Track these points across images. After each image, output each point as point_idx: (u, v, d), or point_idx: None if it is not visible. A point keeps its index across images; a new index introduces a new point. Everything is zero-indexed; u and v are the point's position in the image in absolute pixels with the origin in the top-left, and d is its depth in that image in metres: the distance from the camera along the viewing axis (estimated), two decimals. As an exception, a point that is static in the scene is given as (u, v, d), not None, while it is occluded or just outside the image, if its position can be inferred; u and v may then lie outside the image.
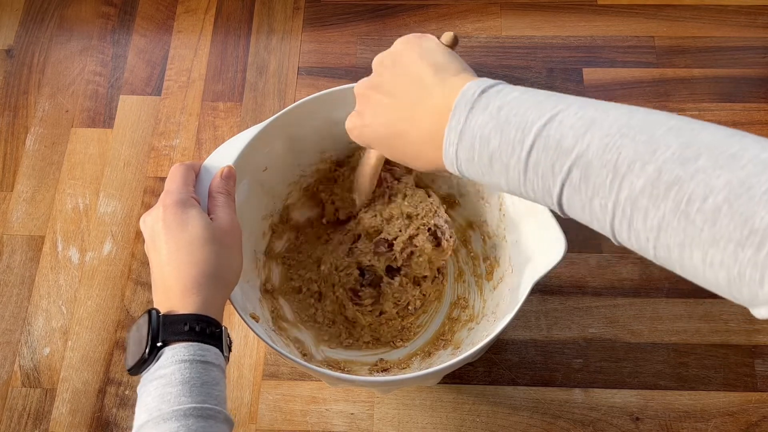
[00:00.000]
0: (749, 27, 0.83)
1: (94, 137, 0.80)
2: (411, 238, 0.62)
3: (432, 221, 0.62)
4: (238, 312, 0.51)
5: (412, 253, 0.62)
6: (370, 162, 0.59)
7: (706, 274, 0.31)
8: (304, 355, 0.60)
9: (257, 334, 0.50)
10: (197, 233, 0.46)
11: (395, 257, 0.62)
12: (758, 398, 0.65)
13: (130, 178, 0.78)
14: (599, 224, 0.34)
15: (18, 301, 0.72)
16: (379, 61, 0.46)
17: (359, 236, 0.65)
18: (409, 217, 0.62)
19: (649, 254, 0.32)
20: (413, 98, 0.42)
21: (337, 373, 0.51)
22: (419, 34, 0.46)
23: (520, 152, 0.35)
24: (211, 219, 0.49)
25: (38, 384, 0.68)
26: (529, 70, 0.82)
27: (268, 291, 0.63)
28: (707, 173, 0.29)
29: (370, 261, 0.63)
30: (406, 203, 0.63)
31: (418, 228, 0.62)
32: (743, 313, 0.68)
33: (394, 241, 0.62)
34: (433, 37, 0.46)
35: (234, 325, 0.70)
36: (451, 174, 0.42)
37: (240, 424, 0.66)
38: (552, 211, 0.51)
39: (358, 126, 0.46)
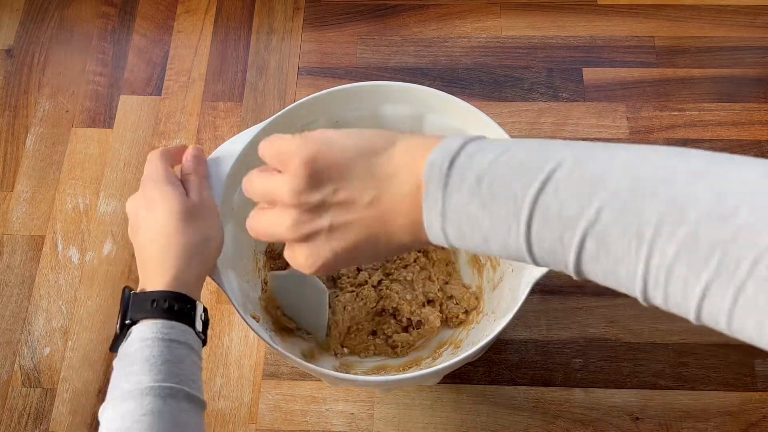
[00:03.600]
0: (749, 27, 0.83)
1: (94, 137, 0.80)
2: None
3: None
4: (238, 312, 0.51)
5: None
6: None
7: (762, 341, 0.26)
8: (305, 355, 0.60)
9: (257, 334, 0.50)
10: (173, 209, 0.46)
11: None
12: (758, 398, 0.65)
13: (130, 178, 0.78)
14: (627, 290, 0.30)
15: (18, 300, 0.72)
16: (295, 190, 0.35)
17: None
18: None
19: (690, 318, 0.28)
20: (368, 203, 0.35)
21: (337, 373, 0.51)
22: (305, 137, 0.36)
23: (518, 229, 0.30)
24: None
25: (38, 384, 0.68)
26: (529, 70, 0.82)
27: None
28: (753, 231, 0.24)
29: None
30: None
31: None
32: (743, 312, 0.68)
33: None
34: (323, 130, 0.37)
35: (234, 325, 0.70)
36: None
37: (240, 424, 0.66)
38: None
39: (320, 265, 0.37)
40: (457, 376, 0.66)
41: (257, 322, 0.55)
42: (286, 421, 0.66)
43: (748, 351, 0.67)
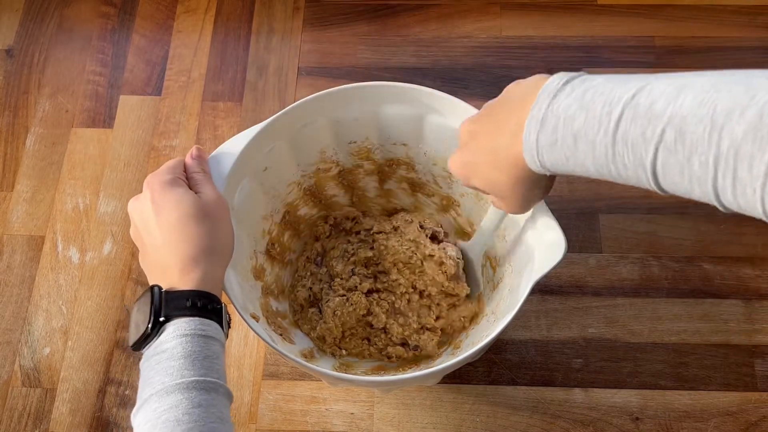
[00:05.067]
0: (749, 27, 0.83)
1: (94, 137, 0.80)
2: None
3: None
4: (238, 312, 0.51)
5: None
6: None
7: None
8: (305, 355, 0.60)
9: (257, 334, 0.50)
10: (188, 211, 0.46)
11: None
12: (758, 398, 0.65)
13: (130, 179, 0.78)
14: (701, 187, 0.32)
15: (18, 300, 0.72)
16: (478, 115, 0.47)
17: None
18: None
19: (757, 209, 0.30)
20: (497, 115, 0.43)
21: (337, 373, 0.51)
22: None
23: (608, 125, 0.34)
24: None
25: (38, 384, 0.68)
26: (529, 70, 0.81)
27: (268, 291, 0.64)
28: None
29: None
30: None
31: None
32: (743, 313, 0.68)
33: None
34: None
35: (234, 325, 0.69)
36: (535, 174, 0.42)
37: (240, 423, 0.66)
38: (552, 211, 0.51)
39: (460, 161, 0.47)
40: (457, 376, 0.66)
41: (257, 321, 0.55)
42: (286, 421, 0.66)
43: (748, 351, 0.67)
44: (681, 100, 0.32)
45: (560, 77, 0.38)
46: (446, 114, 0.58)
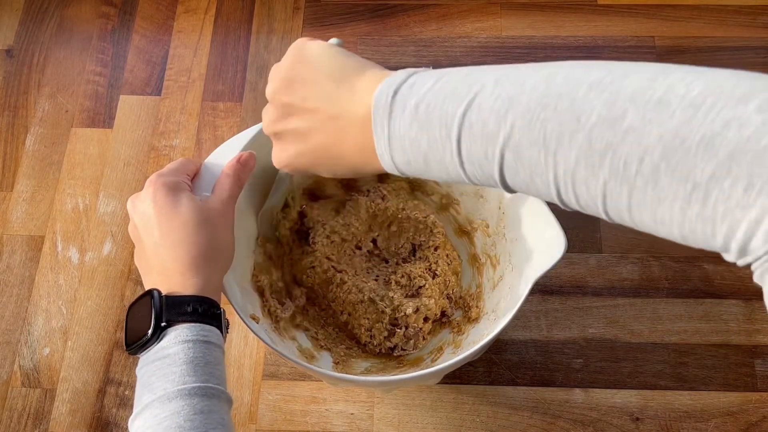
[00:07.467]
0: (749, 27, 0.83)
1: (94, 137, 0.80)
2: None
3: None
4: (237, 312, 0.51)
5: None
6: None
7: (659, 231, 0.30)
8: (305, 356, 0.60)
9: (257, 336, 0.50)
10: (189, 216, 0.46)
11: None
12: (758, 398, 0.65)
13: (130, 179, 0.78)
14: (548, 198, 0.33)
15: (18, 301, 0.72)
16: (273, 90, 0.43)
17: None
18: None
19: (603, 217, 0.32)
20: (328, 117, 0.40)
21: (338, 374, 0.51)
22: (300, 43, 0.44)
23: (451, 147, 0.35)
24: (208, 196, 0.49)
25: (38, 384, 0.68)
26: (529, 70, 0.82)
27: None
28: (637, 132, 0.28)
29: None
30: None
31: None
32: (743, 313, 0.68)
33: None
34: (316, 42, 0.44)
35: (234, 325, 0.69)
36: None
37: (240, 424, 0.66)
38: (552, 209, 0.51)
39: (286, 162, 0.45)
40: (457, 376, 0.66)
41: (257, 323, 0.55)
42: (286, 422, 0.66)
43: (748, 351, 0.67)
44: (510, 120, 0.32)
45: (388, 86, 0.37)
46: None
